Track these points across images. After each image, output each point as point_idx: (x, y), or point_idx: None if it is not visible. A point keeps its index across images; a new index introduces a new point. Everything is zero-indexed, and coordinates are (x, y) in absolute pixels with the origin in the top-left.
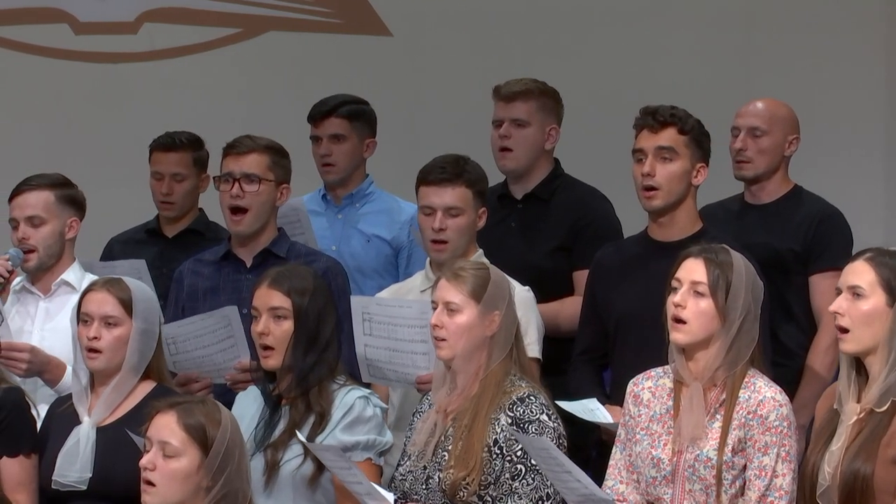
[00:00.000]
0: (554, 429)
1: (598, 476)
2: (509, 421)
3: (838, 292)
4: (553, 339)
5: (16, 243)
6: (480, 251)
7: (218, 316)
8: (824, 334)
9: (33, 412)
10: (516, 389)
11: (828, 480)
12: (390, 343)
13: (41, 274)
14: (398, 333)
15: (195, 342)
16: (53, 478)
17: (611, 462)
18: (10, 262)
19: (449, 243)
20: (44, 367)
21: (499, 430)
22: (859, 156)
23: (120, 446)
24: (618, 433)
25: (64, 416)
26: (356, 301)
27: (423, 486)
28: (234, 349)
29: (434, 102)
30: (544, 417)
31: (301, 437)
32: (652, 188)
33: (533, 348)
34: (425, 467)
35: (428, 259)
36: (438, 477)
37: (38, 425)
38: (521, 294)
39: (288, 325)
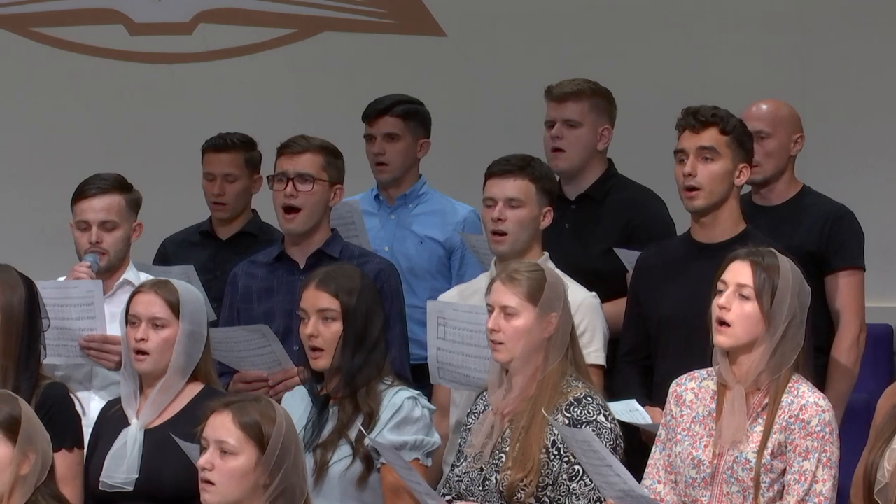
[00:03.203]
0: (611, 430)
1: (637, 477)
2: (566, 422)
3: None
4: None
5: (85, 245)
6: (546, 255)
7: (251, 330)
8: (846, 333)
9: (77, 408)
10: (573, 390)
11: (886, 478)
12: (463, 348)
13: (104, 276)
14: (473, 339)
15: (229, 345)
16: (101, 479)
17: (649, 462)
18: (90, 269)
19: (509, 235)
20: None
21: (556, 432)
22: None
23: (168, 448)
24: (658, 433)
25: (114, 418)
26: (432, 305)
27: (480, 488)
28: (272, 356)
29: (487, 103)
30: (601, 418)
31: (367, 435)
32: (693, 188)
33: (598, 355)
34: (482, 469)
35: (493, 260)
36: (496, 478)
37: (83, 420)
38: (588, 301)
39: (336, 327)
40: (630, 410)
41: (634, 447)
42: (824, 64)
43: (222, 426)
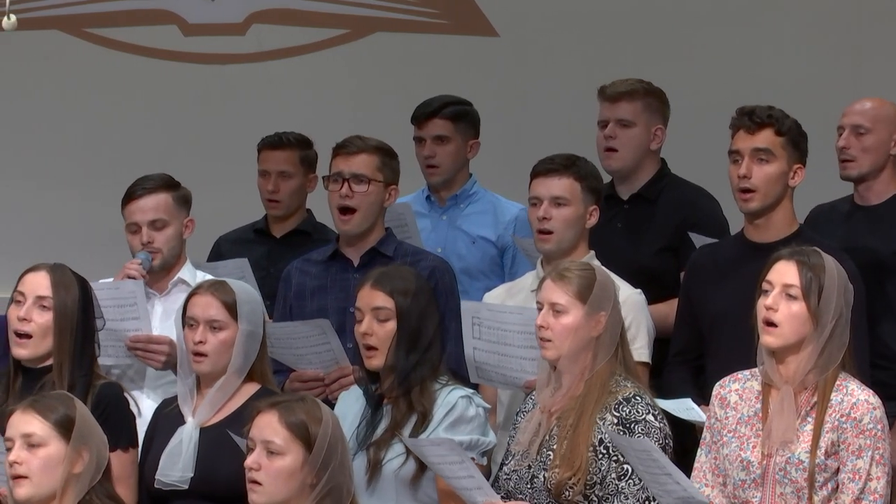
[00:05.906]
0: (660, 429)
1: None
2: (615, 421)
3: None
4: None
5: (138, 248)
6: (592, 253)
7: (312, 325)
8: None
9: (132, 408)
10: (622, 390)
11: None
12: (499, 348)
13: (160, 274)
14: (507, 339)
15: (288, 342)
16: (156, 477)
17: (695, 465)
18: (141, 266)
19: (554, 234)
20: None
21: (604, 430)
22: None
23: (223, 447)
24: (703, 436)
25: (169, 416)
26: (466, 306)
27: (528, 486)
28: (330, 353)
29: (540, 102)
30: (650, 418)
31: (405, 436)
32: (748, 190)
33: (643, 352)
34: (530, 466)
35: (540, 258)
36: (543, 476)
37: (138, 420)
38: (633, 297)
39: (391, 326)
40: (687, 409)
41: (687, 448)
42: (879, 60)
43: (268, 426)
